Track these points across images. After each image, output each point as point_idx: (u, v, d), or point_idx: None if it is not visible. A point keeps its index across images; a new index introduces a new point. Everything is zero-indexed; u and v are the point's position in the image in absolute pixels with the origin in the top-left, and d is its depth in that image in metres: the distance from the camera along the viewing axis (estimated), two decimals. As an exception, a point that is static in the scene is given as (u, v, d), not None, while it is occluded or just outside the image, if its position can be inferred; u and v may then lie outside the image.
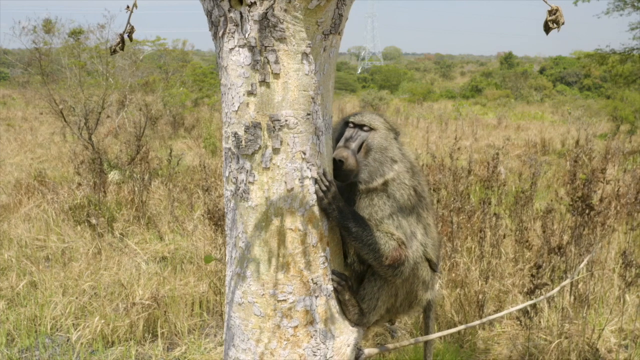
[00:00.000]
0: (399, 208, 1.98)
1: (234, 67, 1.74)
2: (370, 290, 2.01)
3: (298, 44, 1.72)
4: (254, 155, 1.76)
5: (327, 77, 1.84)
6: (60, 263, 5.29)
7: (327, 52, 1.81)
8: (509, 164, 10.02)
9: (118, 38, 1.68)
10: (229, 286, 1.91)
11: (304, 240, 1.81)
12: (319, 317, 1.85)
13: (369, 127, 2.05)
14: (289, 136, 1.75)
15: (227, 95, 1.79)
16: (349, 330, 1.95)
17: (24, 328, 4.22)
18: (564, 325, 3.89)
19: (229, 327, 1.92)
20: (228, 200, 1.87)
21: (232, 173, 1.82)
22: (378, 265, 1.94)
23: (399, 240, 1.95)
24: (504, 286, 4.53)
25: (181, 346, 4.10)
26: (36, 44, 9.23)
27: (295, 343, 1.81)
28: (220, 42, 1.78)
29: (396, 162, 2.04)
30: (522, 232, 5.02)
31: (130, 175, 7.45)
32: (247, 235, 1.81)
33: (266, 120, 1.73)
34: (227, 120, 1.81)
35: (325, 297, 1.87)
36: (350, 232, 1.88)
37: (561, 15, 1.48)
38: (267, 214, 1.77)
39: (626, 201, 5.53)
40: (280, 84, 1.72)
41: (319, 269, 1.85)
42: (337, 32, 1.82)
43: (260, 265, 1.80)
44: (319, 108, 1.81)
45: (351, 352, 1.90)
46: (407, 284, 2.05)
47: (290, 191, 1.77)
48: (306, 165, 1.79)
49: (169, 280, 4.78)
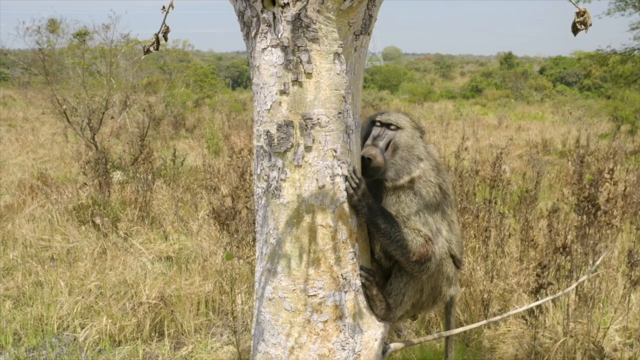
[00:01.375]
0: (425, 205, 2.01)
1: (267, 67, 1.76)
2: (397, 285, 2.03)
3: (330, 44, 1.75)
4: (286, 153, 1.78)
5: (358, 76, 1.87)
6: (66, 263, 5.30)
7: (358, 52, 1.84)
8: (511, 163, 10.04)
9: (153, 38, 1.69)
10: (259, 282, 1.93)
11: (335, 236, 1.83)
12: (347, 312, 1.88)
13: (395, 126, 2.08)
14: (320, 134, 1.78)
15: (259, 94, 1.82)
16: (376, 324, 1.97)
17: (31, 327, 4.23)
18: (569, 324, 3.90)
19: (259, 322, 1.94)
20: (259, 197, 1.90)
21: (264, 170, 1.84)
22: (405, 261, 1.97)
23: (426, 237, 1.98)
24: (509, 285, 4.55)
25: (188, 345, 4.12)
26: (40, 45, 9.25)
27: (325, 337, 1.84)
28: (252, 42, 1.80)
29: (422, 160, 2.07)
30: (527, 231, 5.04)
31: (133, 175, 7.46)
32: (278, 231, 1.83)
33: (298, 119, 1.76)
34: (259, 118, 1.83)
35: (354, 292, 1.90)
36: (379, 229, 1.90)
37: (589, 17, 1.49)
38: (299, 210, 1.80)
39: (632, 200, 5.54)
40: (312, 83, 1.75)
41: (348, 264, 1.88)
42: (367, 33, 1.84)
43: (291, 261, 1.82)
44: (350, 107, 1.83)
45: (379, 346, 1.93)
46: (432, 280, 2.08)
47: (322, 188, 1.80)
48: (337, 163, 1.81)
49: (175, 280, 4.79)
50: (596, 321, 4.07)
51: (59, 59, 10.55)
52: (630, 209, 5.62)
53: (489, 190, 5.59)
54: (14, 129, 14.48)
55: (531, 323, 3.78)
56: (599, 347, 3.80)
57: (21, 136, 13.16)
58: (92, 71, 10.65)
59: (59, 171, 9.38)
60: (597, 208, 3.85)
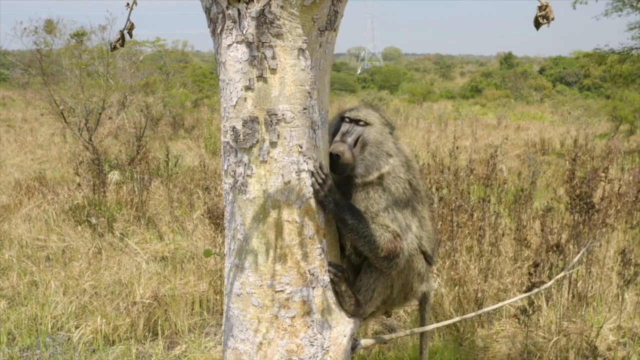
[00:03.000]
0: (394, 201, 2.01)
1: (232, 63, 1.77)
2: (367, 281, 2.03)
3: (294, 40, 1.75)
4: (252, 149, 1.79)
5: (323, 72, 1.87)
6: (61, 263, 5.31)
7: (323, 48, 1.84)
8: (508, 163, 10.04)
9: (118, 35, 1.70)
10: (228, 277, 1.93)
11: (301, 232, 1.84)
12: (315, 308, 1.88)
13: (364, 122, 2.08)
14: (285, 130, 1.78)
15: (225, 91, 1.82)
16: (346, 321, 1.97)
17: (25, 327, 4.23)
18: (563, 323, 3.90)
19: (228, 318, 1.95)
20: (227, 193, 1.90)
21: (231, 166, 1.85)
22: (374, 257, 1.97)
23: (394, 233, 1.98)
24: (503, 285, 4.55)
25: (181, 345, 4.12)
26: (37, 45, 9.26)
27: (292, 333, 1.84)
28: (218, 38, 1.81)
29: (391, 156, 2.07)
30: (521, 230, 5.04)
31: (130, 175, 7.46)
32: (245, 227, 1.84)
33: (263, 115, 1.77)
34: (226, 114, 1.84)
35: (322, 288, 1.90)
36: (346, 225, 1.91)
37: (551, 11, 1.50)
38: (265, 206, 1.80)
39: (626, 200, 5.54)
40: (277, 79, 1.75)
41: (315, 260, 1.88)
42: (333, 29, 1.85)
43: (258, 257, 1.83)
44: (315, 103, 1.84)
45: (348, 342, 1.93)
46: (402, 276, 2.08)
47: (288, 184, 1.80)
48: (303, 159, 1.82)
49: (169, 280, 4.80)
50: (590, 320, 4.06)
51: (56, 59, 10.56)
52: (625, 208, 5.61)
53: (484, 189, 5.59)
54: (12, 129, 14.49)
55: (524, 322, 3.78)
56: (592, 346, 3.79)
57: (20, 137, 13.18)
58: (90, 72, 10.66)
59: (56, 172, 9.39)
60: (591, 206, 3.85)
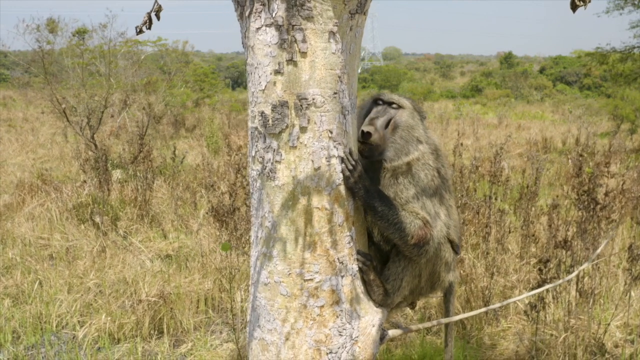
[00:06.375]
0: (423, 188, 1.99)
1: (261, 47, 1.74)
2: (395, 270, 2.01)
3: (325, 23, 1.71)
4: (281, 134, 1.75)
5: (353, 56, 1.84)
6: (65, 261, 5.29)
7: (354, 32, 1.80)
8: (511, 162, 10.03)
9: (145, 17, 1.67)
10: (254, 266, 1.89)
11: (331, 219, 1.80)
12: (344, 297, 1.84)
13: (397, 105, 2.06)
14: (316, 115, 1.74)
15: (253, 75, 1.78)
16: (374, 310, 1.94)
17: (30, 325, 4.22)
18: (570, 320, 3.89)
19: (254, 308, 1.90)
20: (254, 180, 1.86)
21: (259, 152, 1.81)
22: (403, 244, 1.94)
23: (424, 220, 1.95)
24: (509, 282, 4.53)
25: (187, 343, 4.11)
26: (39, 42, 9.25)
27: (321, 323, 1.81)
28: (246, 21, 1.77)
29: (421, 143, 2.05)
30: (527, 226, 5.03)
31: (133, 174, 7.45)
32: (273, 214, 1.80)
33: (293, 99, 1.73)
34: (254, 99, 1.80)
35: (350, 277, 1.87)
36: (376, 211, 1.88)
37: None
38: (294, 193, 1.77)
39: (631, 196, 5.53)
40: (307, 62, 1.72)
41: (344, 248, 1.84)
42: (363, 12, 1.81)
43: (287, 245, 1.79)
44: (346, 87, 1.80)
45: (376, 332, 1.90)
46: (430, 264, 2.06)
47: (317, 170, 1.76)
48: (333, 144, 1.78)
49: (174, 278, 4.78)
50: (597, 317, 4.05)
51: (58, 59, 10.55)
52: (630, 204, 5.60)
53: (489, 186, 5.58)
54: (13, 129, 14.47)
55: (532, 319, 3.76)
56: (599, 343, 3.78)
57: (21, 136, 13.15)
58: (92, 71, 10.65)
59: (58, 171, 9.37)
60: (596, 202, 3.84)
